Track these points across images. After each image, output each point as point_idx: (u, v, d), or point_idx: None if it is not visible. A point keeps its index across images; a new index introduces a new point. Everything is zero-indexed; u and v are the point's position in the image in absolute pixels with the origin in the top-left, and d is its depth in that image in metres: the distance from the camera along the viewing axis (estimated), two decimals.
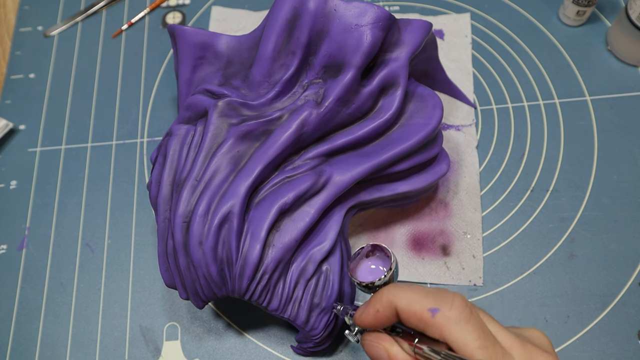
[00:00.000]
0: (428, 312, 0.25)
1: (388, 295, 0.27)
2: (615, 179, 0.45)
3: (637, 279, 0.42)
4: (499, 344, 0.25)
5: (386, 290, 0.28)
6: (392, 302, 0.27)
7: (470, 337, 0.24)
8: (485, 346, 0.24)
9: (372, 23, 0.35)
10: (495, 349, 0.24)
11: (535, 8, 0.54)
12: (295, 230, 0.34)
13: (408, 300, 0.26)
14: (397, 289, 0.27)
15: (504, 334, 0.25)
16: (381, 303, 0.28)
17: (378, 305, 0.28)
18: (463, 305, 0.25)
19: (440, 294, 0.26)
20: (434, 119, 0.37)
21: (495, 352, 0.24)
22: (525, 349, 0.25)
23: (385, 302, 0.27)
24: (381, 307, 0.28)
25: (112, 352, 0.41)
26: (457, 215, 0.44)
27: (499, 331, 0.26)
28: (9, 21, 0.56)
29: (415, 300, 0.26)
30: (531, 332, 0.27)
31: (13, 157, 0.49)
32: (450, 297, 0.26)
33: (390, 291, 0.27)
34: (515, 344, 0.25)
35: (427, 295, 0.26)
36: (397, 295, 0.27)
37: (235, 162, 0.35)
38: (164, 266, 0.36)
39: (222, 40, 0.40)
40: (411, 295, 0.26)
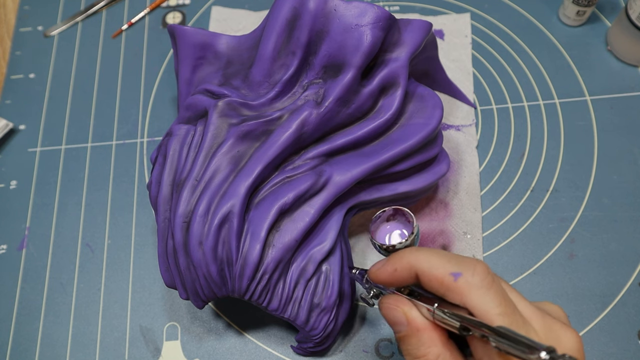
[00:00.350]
0: (450, 276, 0.25)
1: (409, 257, 0.27)
2: (615, 179, 0.45)
3: (637, 279, 0.42)
4: (519, 313, 0.24)
5: (408, 251, 0.27)
6: (413, 264, 0.26)
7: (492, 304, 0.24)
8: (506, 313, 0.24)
9: (372, 23, 0.35)
10: (515, 317, 0.24)
11: (535, 8, 0.54)
12: (295, 230, 0.34)
13: (430, 263, 0.26)
14: (419, 252, 0.27)
15: (524, 304, 0.25)
16: (401, 263, 0.27)
17: (397, 264, 0.27)
18: (485, 272, 0.25)
19: (462, 259, 0.26)
20: (434, 119, 0.37)
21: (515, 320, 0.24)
22: (545, 320, 0.25)
23: (405, 262, 0.27)
24: (400, 267, 0.27)
25: (112, 352, 0.41)
26: (457, 215, 0.44)
27: (520, 301, 0.25)
28: (9, 21, 0.56)
29: (438, 264, 0.26)
30: (549, 306, 0.27)
31: (13, 157, 0.49)
32: (472, 263, 0.25)
33: (412, 253, 0.27)
34: (535, 314, 0.25)
35: (449, 260, 0.26)
36: (418, 258, 0.26)
37: (235, 162, 0.35)
38: (164, 266, 0.36)
39: (222, 40, 0.40)
40: (433, 258, 0.26)
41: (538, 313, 0.25)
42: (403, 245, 0.30)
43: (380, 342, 0.40)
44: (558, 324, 0.25)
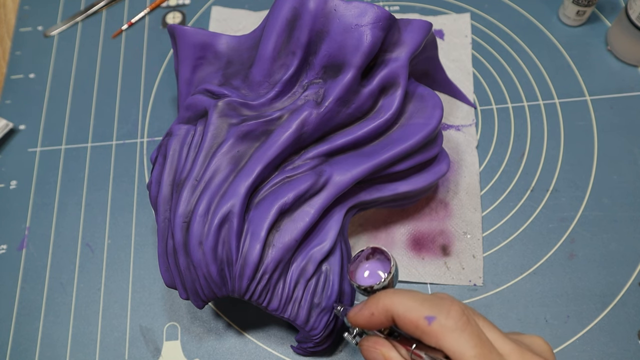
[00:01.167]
0: (424, 320, 0.25)
1: (385, 300, 0.27)
2: (615, 179, 0.45)
3: (637, 279, 0.42)
4: (496, 352, 0.25)
5: (383, 294, 0.28)
6: (389, 308, 0.27)
7: (467, 346, 0.24)
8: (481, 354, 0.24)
9: (372, 23, 0.35)
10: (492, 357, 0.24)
11: (535, 8, 0.54)
12: (295, 230, 0.34)
13: (405, 307, 0.26)
14: (394, 295, 0.27)
15: (502, 342, 0.25)
16: (377, 307, 0.28)
17: (374, 308, 0.28)
18: (460, 313, 0.25)
19: (437, 301, 0.26)
20: (434, 119, 0.37)
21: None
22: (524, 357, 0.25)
23: (381, 306, 0.27)
24: (376, 311, 0.28)
25: (112, 352, 0.41)
26: (457, 215, 0.44)
27: (497, 339, 0.26)
28: (9, 21, 0.56)
29: (412, 307, 0.26)
30: (532, 339, 0.27)
31: (13, 157, 0.49)
32: (447, 304, 0.26)
33: (388, 296, 0.27)
34: (514, 352, 0.25)
35: (423, 302, 0.26)
36: (394, 301, 0.27)
37: (235, 162, 0.35)
38: (164, 266, 0.36)
39: (222, 40, 0.40)
40: (408, 302, 0.26)
41: (517, 350, 0.25)
42: (381, 285, 0.31)
43: None
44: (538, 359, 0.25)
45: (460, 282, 0.42)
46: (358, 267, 0.33)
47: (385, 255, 0.32)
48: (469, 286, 0.42)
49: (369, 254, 0.33)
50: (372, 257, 0.33)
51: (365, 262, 0.33)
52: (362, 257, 0.33)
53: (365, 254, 0.33)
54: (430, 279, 0.42)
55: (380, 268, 0.32)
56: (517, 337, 0.27)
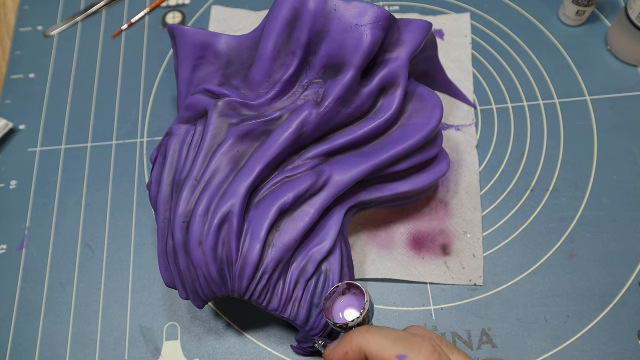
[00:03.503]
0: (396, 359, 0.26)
1: (358, 339, 0.28)
2: (615, 179, 0.45)
3: (637, 279, 0.42)
4: None
5: (357, 333, 0.28)
6: (362, 346, 0.27)
7: None
8: None
9: (372, 23, 0.35)
10: None
11: (535, 8, 0.54)
12: (295, 230, 0.34)
13: (378, 346, 0.27)
14: (367, 334, 0.28)
15: None
16: (351, 346, 0.28)
17: (348, 347, 0.28)
18: (431, 351, 0.26)
19: (409, 339, 0.27)
20: (434, 119, 0.37)
21: None
22: None
23: (355, 345, 0.28)
24: (350, 350, 0.28)
25: (112, 352, 0.41)
26: (457, 215, 0.44)
27: None
28: (9, 21, 0.56)
29: (384, 346, 0.27)
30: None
31: (13, 157, 0.49)
32: (419, 343, 0.26)
33: (361, 335, 0.28)
34: None
35: (395, 341, 0.27)
36: (367, 340, 0.27)
37: (235, 162, 0.35)
38: (164, 266, 0.36)
39: (222, 40, 0.40)
40: (381, 341, 0.27)
41: None
42: (356, 322, 0.31)
43: None
44: None
45: (460, 281, 0.42)
46: (334, 303, 0.33)
47: (360, 291, 0.33)
48: (469, 286, 0.42)
49: (345, 289, 0.33)
50: (349, 292, 0.33)
51: (341, 297, 0.33)
52: (338, 292, 0.33)
53: (340, 290, 0.33)
54: (430, 279, 0.42)
55: (355, 303, 0.33)
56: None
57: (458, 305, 0.41)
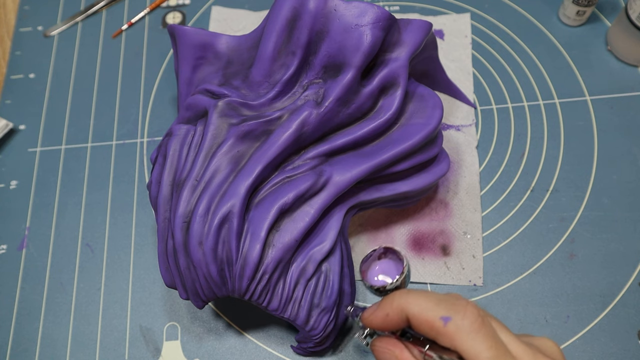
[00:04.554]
0: (440, 320, 0.25)
1: (399, 301, 0.27)
2: (615, 179, 0.45)
3: (637, 279, 0.42)
4: (510, 354, 0.25)
5: (398, 295, 0.27)
6: (403, 308, 0.27)
7: (482, 347, 0.24)
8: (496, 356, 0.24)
9: (372, 23, 0.35)
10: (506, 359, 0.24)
11: (535, 8, 0.54)
12: (295, 230, 0.34)
13: (420, 307, 0.26)
14: (409, 295, 0.27)
15: (515, 344, 0.25)
16: (392, 308, 0.27)
17: (388, 309, 0.28)
18: (475, 314, 0.25)
19: (452, 302, 0.26)
20: (434, 119, 0.37)
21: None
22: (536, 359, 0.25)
23: (395, 307, 0.27)
24: (391, 312, 0.27)
25: (112, 352, 0.41)
26: (457, 215, 0.44)
27: (510, 341, 0.25)
28: (9, 21, 0.56)
29: (427, 308, 0.26)
30: (543, 341, 0.27)
31: (13, 157, 0.49)
32: (462, 305, 0.25)
33: (402, 297, 0.27)
34: (526, 353, 0.25)
35: (439, 303, 0.26)
36: (408, 301, 0.27)
37: (235, 162, 0.35)
38: (164, 266, 0.36)
39: (222, 40, 0.40)
40: (423, 302, 0.26)
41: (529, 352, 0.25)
42: (394, 285, 0.30)
43: None
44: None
45: (460, 282, 0.42)
46: (370, 267, 0.32)
47: (397, 255, 0.32)
48: (469, 286, 0.42)
49: (381, 253, 0.32)
50: (384, 257, 0.32)
51: (377, 261, 0.32)
52: (374, 256, 0.32)
53: (377, 254, 0.32)
54: (430, 279, 0.42)
55: (392, 268, 0.32)
56: (528, 339, 0.27)
57: None
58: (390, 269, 0.32)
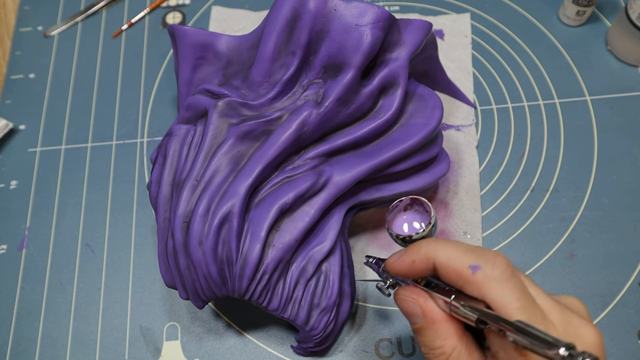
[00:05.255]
0: (469, 269, 0.25)
1: (427, 248, 0.26)
2: (615, 179, 0.45)
3: (637, 279, 0.42)
4: (539, 307, 0.24)
5: (425, 242, 0.27)
6: (431, 256, 0.26)
7: (511, 298, 0.24)
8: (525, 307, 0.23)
9: (372, 23, 0.35)
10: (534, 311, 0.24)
11: (535, 8, 0.54)
12: (295, 230, 0.34)
13: (448, 255, 0.26)
14: (437, 243, 0.26)
15: (543, 298, 0.25)
16: (418, 254, 0.27)
17: (415, 255, 0.27)
18: (505, 264, 0.25)
19: (482, 252, 0.25)
20: (434, 119, 0.37)
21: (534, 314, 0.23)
22: (564, 314, 0.24)
23: (423, 254, 0.26)
24: (418, 259, 0.27)
25: (112, 352, 0.41)
26: (457, 215, 0.44)
27: (539, 295, 0.25)
28: (9, 21, 0.56)
29: (456, 256, 0.25)
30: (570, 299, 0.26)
31: (13, 157, 0.49)
32: (492, 255, 0.25)
33: (430, 244, 0.27)
34: (555, 308, 0.24)
35: (467, 252, 0.25)
36: (436, 249, 0.26)
37: (235, 162, 0.35)
38: (164, 266, 0.36)
39: (222, 40, 0.40)
40: (452, 250, 0.26)
41: (557, 307, 0.25)
42: (420, 235, 0.30)
43: (380, 342, 0.40)
44: (577, 318, 0.24)
45: None
46: (396, 217, 0.32)
47: (424, 207, 0.31)
48: None
49: (407, 204, 0.32)
50: (410, 209, 0.32)
51: (403, 213, 0.32)
52: (400, 207, 0.32)
53: (403, 205, 0.32)
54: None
55: (418, 219, 0.31)
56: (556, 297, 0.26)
57: None
58: (416, 220, 0.31)
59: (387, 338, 0.40)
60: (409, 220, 0.32)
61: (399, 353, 0.40)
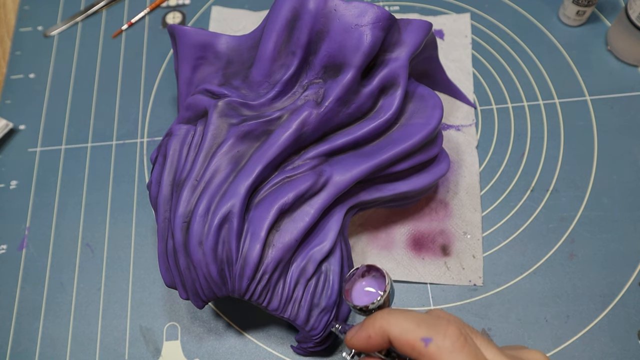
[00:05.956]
0: (421, 341, 0.25)
1: (381, 322, 0.27)
2: (615, 179, 0.45)
3: (637, 279, 0.42)
4: None
5: (379, 316, 0.28)
6: (385, 329, 0.27)
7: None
8: None
9: (372, 23, 0.35)
10: None
11: (535, 8, 0.54)
12: (295, 230, 0.34)
13: (401, 328, 0.26)
14: (390, 316, 0.27)
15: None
16: (374, 329, 0.27)
17: (370, 330, 0.28)
18: (457, 334, 0.25)
19: (434, 322, 0.26)
20: (434, 119, 0.37)
21: None
22: None
23: (377, 328, 0.27)
24: (373, 333, 0.27)
25: (112, 352, 0.41)
26: (457, 215, 0.44)
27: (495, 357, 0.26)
28: (9, 21, 0.56)
29: (408, 329, 0.26)
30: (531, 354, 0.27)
31: (13, 157, 0.49)
32: (444, 325, 0.26)
33: (384, 317, 0.27)
34: None
35: (420, 323, 0.26)
36: (390, 322, 0.27)
37: (235, 162, 0.35)
38: (164, 266, 0.36)
39: (222, 40, 0.40)
40: (404, 323, 0.26)
41: None
42: (376, 305, 0.30)
43: None
44: None
45: (460, 282, 0.42)
46: (354, 286, 0.32)
47: (380, 273, 0.32)
48: (469, 286, 0.42)
49: (364, 271, 0.32)
50: (368, 275, 0.33)
51: (361, 279, 0.33)
52: (357, 275, 0.33)
53: (360, 272, 0.33)
54: (430, 279, 0.42)
55: (375, 286, 0.32)
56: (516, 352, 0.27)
57: (458, 306, 0.41)
58: (374, 287, 0.32)
59: None
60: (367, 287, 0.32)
61: None
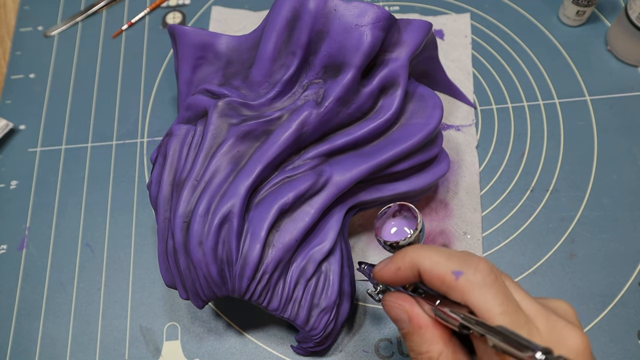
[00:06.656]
0: (452, 275, 0.25)
1: (412, 255, 0.27)
2: (615, 179, 0.45)
3: (637, 279, 0.42)
4: (522, 311, 0.24)
5: (410, 249, 0.27)
6: (415, 262, 0.26)
7: (493, 303, 0.24)
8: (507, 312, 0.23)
9: (372, 23, 0.35)
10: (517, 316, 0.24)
11: (535, 8, 0.54)
12: (295, 230, 0.34)
13: (432, 262, 0.26)
14: (421, 250, 0.27)
15: (528, 302, 0.25)
16: (404, 261, 0.27)
17: (400, 263, 0.27)
18: (488, 269, 0.25)
19: (465, 257, 0.25)
20: (434, 119, 0.37)
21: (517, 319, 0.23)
22: (549, 319, 0.24)
23: (408, 261, 0.27)
24: (403, 266, 0.27)
25: (112, 352, 0.41)
26: (457, 215, 0.44)
27: (523, 299, 0.25)
28: (9, 21, 0.56)
29: (439, 262, 0.26)
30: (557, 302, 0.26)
31: (13, 157, 0.49)
32: (475, 260, 0.25)
33: (415, 251, 0.27)
34: (540, 313, 0.24)
35: (451, 257, 0.26)
36: (420, 255, 0.26)
37: (235, 162, 0.35)
38: (164, 266, 0.36)
39: (222, 40, 0.40)
40: (435, 257, 0.26)
41: (542, 311, 0.25)
42: (407, 241, 0.30)
43: (380, 342, 0.40)
44: (562, 322, 0.24)
45: None
46: (384, 224, 0.32)
47: (412, 213, 0.32)
48: None
49: (396, 211, 0.32)
50: (399, 215, 0.32)
51: (391, 219, 0.32)
52: (388, 214, 0.32)
53: (392, 211, 0.32)
54: None
55: (406, 225, 0.32)
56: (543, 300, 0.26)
57: None
58: (404, 226, 0.32)
59: (387, 338, 0.40)
60: (397, 226, 0.32)
61: (398, 353, 0.40)
